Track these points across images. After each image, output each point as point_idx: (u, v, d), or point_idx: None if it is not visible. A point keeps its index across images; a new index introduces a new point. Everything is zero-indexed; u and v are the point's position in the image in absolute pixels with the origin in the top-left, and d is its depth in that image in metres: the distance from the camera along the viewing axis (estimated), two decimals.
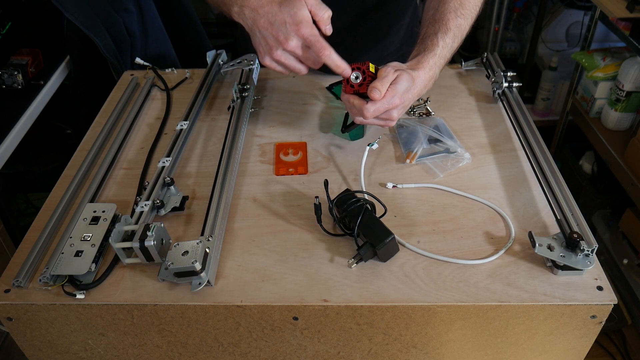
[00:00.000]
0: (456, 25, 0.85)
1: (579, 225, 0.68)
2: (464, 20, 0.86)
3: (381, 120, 0.79)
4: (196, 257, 0.63)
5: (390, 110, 0.77)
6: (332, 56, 0.74)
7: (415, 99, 0.81)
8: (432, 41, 0.83)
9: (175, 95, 1.04)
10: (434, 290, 0.65)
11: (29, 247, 0.71)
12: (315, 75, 1.06)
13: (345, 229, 0.71)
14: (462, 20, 0.86)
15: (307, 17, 0.73)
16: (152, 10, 1.46)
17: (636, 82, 1.63)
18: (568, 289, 0.65)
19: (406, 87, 0.76)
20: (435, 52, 0.82)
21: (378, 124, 0.80)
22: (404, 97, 0.77)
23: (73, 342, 0.71)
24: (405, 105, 0.79)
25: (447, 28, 0.84)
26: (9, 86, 1.31)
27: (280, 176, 0.84)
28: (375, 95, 0.74)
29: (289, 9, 0.73)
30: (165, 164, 0.81)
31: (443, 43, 0.83)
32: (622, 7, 1.59)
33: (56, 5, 1.24)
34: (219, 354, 0.72)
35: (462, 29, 0.86)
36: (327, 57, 0.74)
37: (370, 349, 0.70)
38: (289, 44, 0.75)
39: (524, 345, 0.69)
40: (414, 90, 0.78)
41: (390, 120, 0.80)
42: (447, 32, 0.84)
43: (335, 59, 0.75)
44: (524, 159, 0.85)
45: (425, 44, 0.83)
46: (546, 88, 2.26)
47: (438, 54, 0.82)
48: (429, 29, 0.86)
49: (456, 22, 0.85)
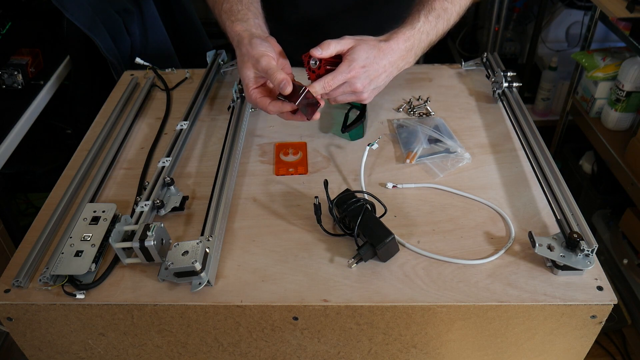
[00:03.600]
0: (442, 7, 0.84)
1: (579, 225, 0.68)
2: (450, 5, 0.85)
3: (349, 94, 0.78)
4: (196, 257, 0.63)
5: (352, 80, 0.75)
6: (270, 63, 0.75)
7: (391, 70, 0.79)
8: (412, 17, 0.82)
9: (175, 95, 1.04)
10: (434, 290, 0.65)
11: (29, 247, 0.71)
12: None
13: (345, 229, 0.71)
14: (448, 4, 0.85)
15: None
16: (152, 10, 1.45)
17: (636, 82, 1.63)
18: (568, 289, 0.65)
19: (366, 58, 0.75)
20: (414, 25, 0.80)
21: (349, 99, 0.79)
22: (368, 68, 0.75)
23: (73, 342, 0.71)
24: (370, 75, 0.77)
25: (432, 8, 0.83)
26: (9, 86, 1.31)
27: (280, 176, 0.84)
28: (316, 53, 0.73)
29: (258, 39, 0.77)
30: (165, 164, 0.81)
31: (425, 19, 0.81)
32: (622, 7, 1.59)
33: (56, 5, 1.24)
34: (219, 354, 0.72)
35: (449, 12, 0.85)
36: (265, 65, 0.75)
37: (370, 349, 0.70)
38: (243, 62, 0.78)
39: (524, 345, 0.69)
40: (384, 60, 0.76)
41: (358, 92, 0.78)
42: (431, 11, 0.83)
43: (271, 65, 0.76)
44: (524, 159, 0.85)
45: (405, 20, 0.82)
46: (546, 88, 2.26)
47: (417, 27, 0.80)
48: (412, 9, 0.85)
49: (442, 5, 0.84)
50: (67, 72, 1.45)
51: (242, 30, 0.81)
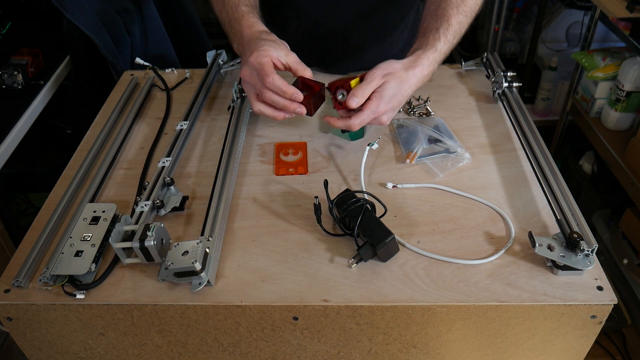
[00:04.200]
0: (458, 22, 0.86)
1: (579, 225, 0.68)
2: (464, 18, 0.87)
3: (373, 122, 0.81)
4: (196, 257, 0.63)
5: (379, 117, 0.79)
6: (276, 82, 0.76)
7: (409, 96, 0.81)
8: (434, 36, 0.83)
9: (175, 95, 1.04)
10: (434, 290, 0.65)
11: (29, 247, 0.71)
12: (315, 74, 1.05)
13: (345, 229, 0.71)
14: (463, 17, 0.87)
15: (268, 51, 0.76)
16: (152, 10, 1.46)
17: (636, 82, 1.63)
18: (568, 289, 0.65)
19: (393, 93, 0.78)
20: (437, 47, 0.82)
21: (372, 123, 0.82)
22: (392, 102, 0.78)
23: (73, 342, 0.71)
24: (395, 108, 0.80)
25: (449, 24, 0.84)
26: (9, 86, 1.31)
27: (280, 176, 0.84)
28: (352, 104, 0.76)
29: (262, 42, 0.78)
30: (165, 164, 0.81)
31: (445, 39, 0.83)
32: (622, 7, 1.59)
33: (56, 5, 1.24)
34: (219, 354, 0.72)
35: (463, 25, 0.87)
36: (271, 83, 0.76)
37: (370, 349, 0.70)
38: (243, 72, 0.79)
39: (524, 345, 0.69)
40: (405, 90, 0.79)
41: (381, 124, 0.82)
42: (449, 28, 0.84)
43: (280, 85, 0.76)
44: (524, 159, 0.85)
45: (427, 38, 0.83)
46: (546, 88, 2.26)
47: (439, 49, 0.83)
48: (430, 23, 0.86)
49: (458, 19, 0.85)
50: (67, 72, 1.45)
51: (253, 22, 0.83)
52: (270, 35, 0.81)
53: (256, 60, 0.75)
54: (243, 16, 0.84)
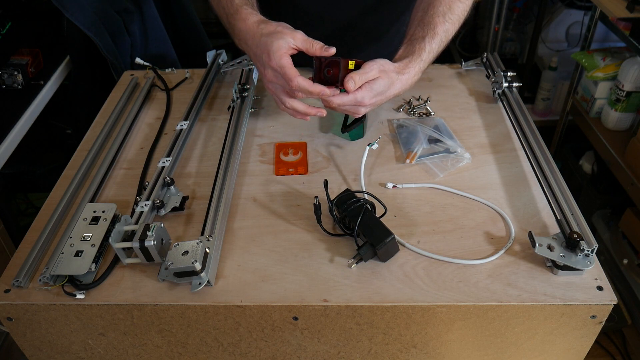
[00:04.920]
0: (444, 30, 0.86)
1: (579, 225, 0.68)
2: (451, 25, 0.88)
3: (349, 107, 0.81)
4: (196, 257, 0.63)
5: (359, 106, 0.78)
6: (301, 84, 0.75)
7: (389, 99, 0.82)
8: (419, 45, 0.84)
9: (175, 95, 1.04)
10: (434, 290, 0.65)
11: (29, 247, 0.71)
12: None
13: (345, 229, 0.71)
14: (449, 25, 0.87)
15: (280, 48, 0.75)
16: (152, 10, 1.45)
17: (636, 82, 1.63)
18: (568, 289, 0.65)
19: (381, 90, 0.78)
20: (422, 57, 0.83)
21: (346, 111, 0.82)
22: (376, 98, 0.78)
23: (73, 342, 0.71)
24: (375, 104, 0.80)
25: (435, 33, 0.85)
26: (9, 86, 1.31)
27: (280, 176, 0.84)
28: (349, 86, 0.75)
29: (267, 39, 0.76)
30: (165, 164, 0.81)
31: (429, 48, 0.84)
32: (622, 7, 1.59)
33: (56, 5, 1.24)
34: (219, 354, 0.72)
35: (449, 33, 0.88)
36: (297, 86, 0.75)
37: (370, 349, 0.70)
38: (266, 75, 0.78)
39: (524, 345, 0.69)
40: (390, 92, 0.80)
41: (357, 113, 0.81)
42: (434, 37, 0.85)
43: (305, 85, 0.75)
44: (524, 159, 0.85)
45: (413, 47, 0.84)
46: (546, 88, 2.26)
47: (424, 59, 0.83)
48: (417, 31, 0.86)
49: (444, 27, 0.86)
50: (67, 72, 1.45)
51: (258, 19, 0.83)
52: (268, 26, 0.80)
53: (277, 64, 0.75)
54: (237, 10, 0.84)
